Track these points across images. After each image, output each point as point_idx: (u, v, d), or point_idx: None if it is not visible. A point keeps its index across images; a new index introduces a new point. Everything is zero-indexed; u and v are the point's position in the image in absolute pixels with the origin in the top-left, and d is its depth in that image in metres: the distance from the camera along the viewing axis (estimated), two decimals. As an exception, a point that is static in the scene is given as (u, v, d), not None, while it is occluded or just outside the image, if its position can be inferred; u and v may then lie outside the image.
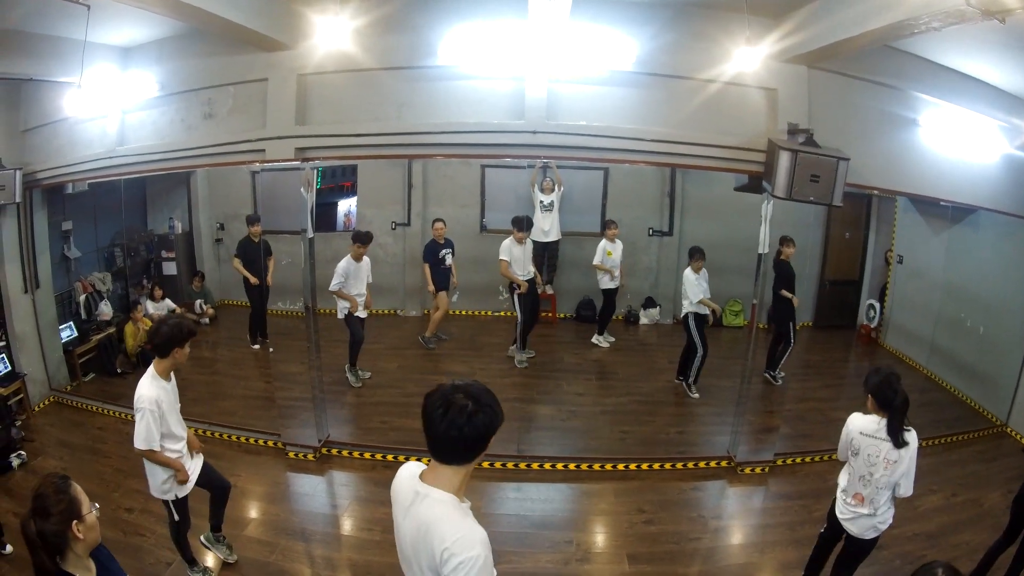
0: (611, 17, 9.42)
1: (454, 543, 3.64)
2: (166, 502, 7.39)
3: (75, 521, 4.09)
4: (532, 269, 14.17)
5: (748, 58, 8.86)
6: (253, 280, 14.67)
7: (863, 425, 6.61)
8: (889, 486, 6.57)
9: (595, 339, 15.94)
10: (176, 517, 7.47)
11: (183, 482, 7.27)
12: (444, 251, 14.66)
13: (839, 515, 6.96)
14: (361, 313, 12.92)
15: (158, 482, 7.24)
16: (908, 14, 6.77)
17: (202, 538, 8.08)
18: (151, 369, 7.02)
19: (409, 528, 3.87)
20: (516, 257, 13.81)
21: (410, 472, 4.04)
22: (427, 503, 3.79)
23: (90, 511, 4.22)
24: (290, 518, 9.24)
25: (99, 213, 14.75)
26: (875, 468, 6.52)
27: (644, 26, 9.45)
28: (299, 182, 9.85)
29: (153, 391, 6.92)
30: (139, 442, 6.91)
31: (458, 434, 3.65)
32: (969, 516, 9.56)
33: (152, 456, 6.99)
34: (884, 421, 6.46)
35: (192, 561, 7.86)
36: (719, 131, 9.75)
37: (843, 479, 6.99)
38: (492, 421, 3.71)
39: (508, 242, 13.82)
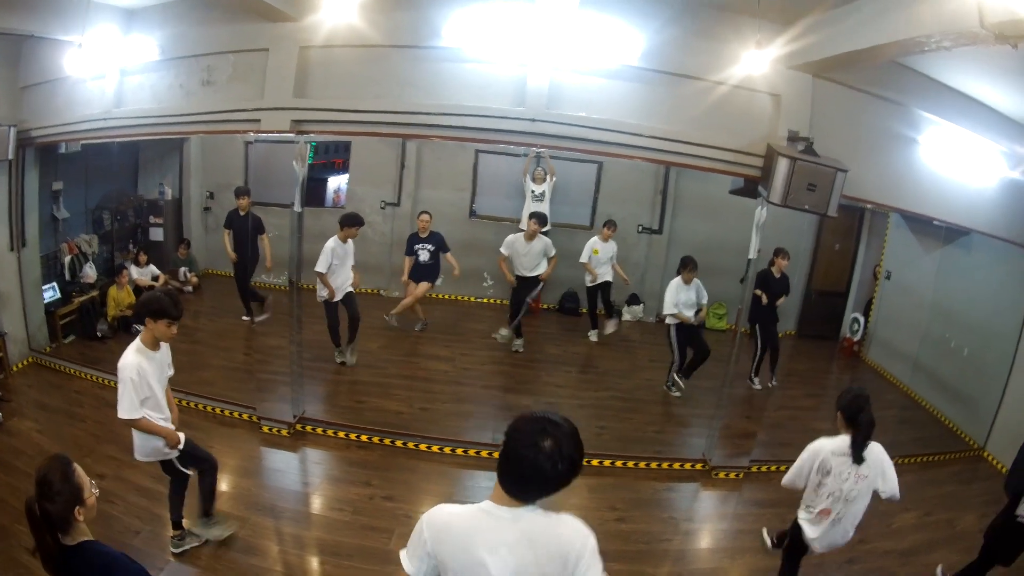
0: (620, 8, 9.37)
1: (576, 535, 3.68)
2: (170, 466, 7.34)
3: (77, 507, 4.19)
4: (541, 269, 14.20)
5: (755, 62, 8.83)
6: (232, 257, 14.61)
7: (834, 446, 6.65)
8: (861, 499, 6.65)
9: (591, 335, 16.03)
10: (189, 472, 7.48)
11: (175, 445, 7.17)
12: (420, 246, 14.64)
13: (806, 534, 6.98)
14: (339, 295, 12.84)
15: (153, 446, 7.13)
16: (920, 31, 6.74)
17: (195, 531, 7.85)
18: (137, 339, 6.90)
19: (509, 557, 3.66)
20: (519, 252, 13.94)
21: (467, 512, 3.80)
22: (524, 522, 3.68)
23: (91, 495, 4.31)
24: (261, 493, 9.18)
25: (90, 175, 14.67)
26: (846, 483, 6.58)
27: (652, 20, 9.38)
28: (292, 155, 9.79)
29: (134, 358, 6.78)
30: (122, 411, 6.74)
31: (539, 480, 3.57)
32: (943, 536, 9.56)
33: (137, 424, 6.86)
34: (850, 438, 6.55)
35: (208, 513, 7.85)
36: (719, 132, 9.71)
37: (807, 498, 6.99)
38: (572, 471, 3.58)
39: (511, 238, 13.94)
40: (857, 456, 6.48)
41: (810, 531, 6.92)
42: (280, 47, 9.72)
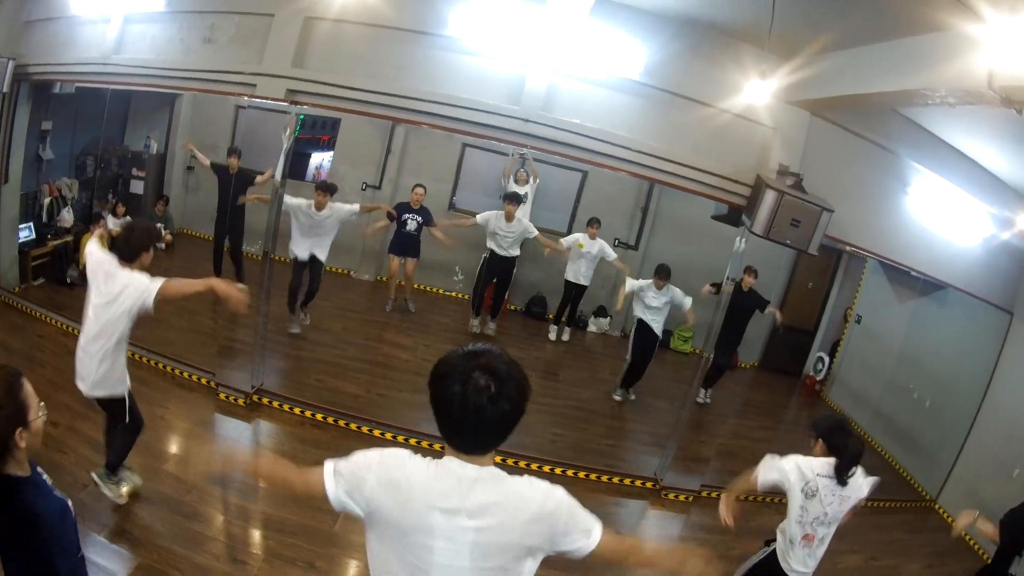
0: (628, 22, 9.37)
1: (545, 498, 3.45)
2: (120, 405, 7.25)
3: (20, 428, 3.71)
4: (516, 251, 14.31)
5: (758, 92, 8.82)
6: (202, 161, 14.69)
7: (819, 467, 6.43)
8: (839, 518, 6.58)
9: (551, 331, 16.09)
10: (128, 418, 7.35)
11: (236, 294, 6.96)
12: (409, 216, 14.66)
13: (789, 562, 6.73)
14: (303, 253, 12.82)
15: (117, 375, 7.07)
16: (926, 84, 6.73)
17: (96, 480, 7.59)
18: (125, 268, 6.79)
19: (468, 522, 3.31)
20: (499, 230, 14.11)
21: (427, 468, 3.39)
22: (487, 485, 3.35)
23: (38, 417, 3.85)
24: (211, 460, 9.04)
25: (80, 119, 14.55)
26: (831, 506, 6.46)
27: (658, 39, 9.40)
28: (280, 125, 9.76)
29: None
30: (157, 291, 6.70)
31: (477, 421, 3.22)
32: (886, 581, 9.61)
33: (171, 289, 6.78)
34: (834, 462, 6.40)
35: (114, 469, 7.63)
36: (709, 156, 9.74)
37: (791, 528, 6.67)
38: (519, 405, 3.25)
39: (491, 213, 14.12)
40: (842, 479, 6.36)
41: (793, 559, 6.72)
42: (285, 13, 9.65)
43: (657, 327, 13.12)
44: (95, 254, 6.99)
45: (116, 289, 6.76)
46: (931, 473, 12.73)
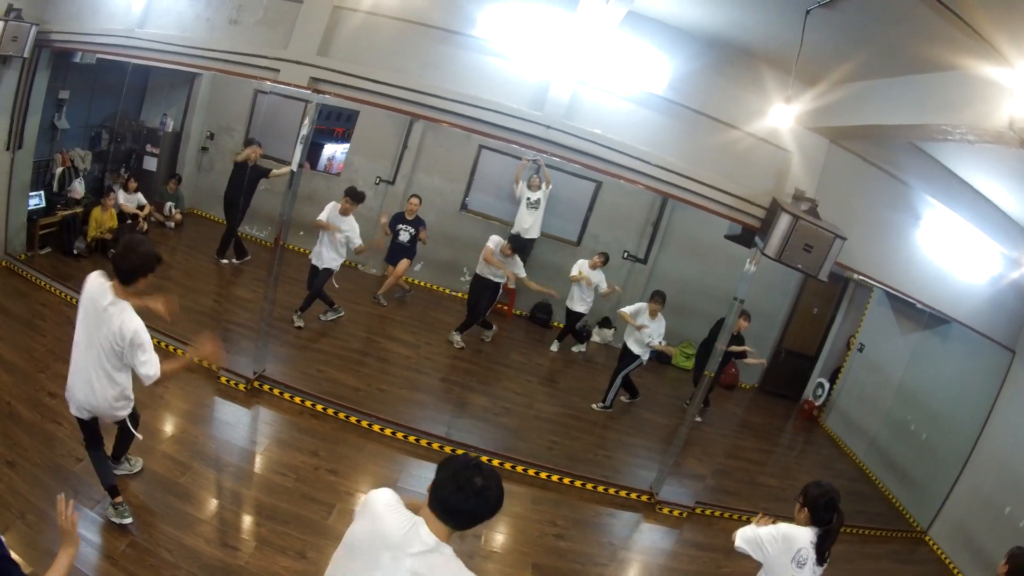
0: (656, 37, 9.41)
1: None
2: (124, 425, 7.15)
3: None
4: (507, 275, 14.11)
5: (782, 116, 8.79)
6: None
7: (810, 537, 6.11)
8: None
9: (553, 346, 16.10)
10: (135, 430, 7.28)
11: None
12: (402, 227, 14.91)
13: None
14: (327, 263, 12.87)
15: (119, 402, 6.88)
16: (947, 121, 6.74)
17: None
18: (123, 301, 6.47)
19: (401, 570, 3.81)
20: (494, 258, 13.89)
21: (402, 517, 3.93)
22: (437, 557, 3.83)
23: None
24: (208, 443, 9.08)
25: (97, 90, 14.52)
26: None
27: (684, 56, 9.46)
28: (296, 113, 9.77)
29: (139, 320, 6.54)
30: (154, 370, 6.55)
31: (466, 508, 3.87)
32: (874, 607, 9.61)
33: (162, 376, 6.64)
34: (816, 536, 6.14)
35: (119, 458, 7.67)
36: (727, 176, 9.74)
37: None
38: (498, 507, 3.95)
39: (494, 244, 13.93)
40: (822, 558, 6.10)
41: None
42: (315, 1, 9.67)
43: (644, 355, 13.16)
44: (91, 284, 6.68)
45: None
46: (923, 505, 12.71)
